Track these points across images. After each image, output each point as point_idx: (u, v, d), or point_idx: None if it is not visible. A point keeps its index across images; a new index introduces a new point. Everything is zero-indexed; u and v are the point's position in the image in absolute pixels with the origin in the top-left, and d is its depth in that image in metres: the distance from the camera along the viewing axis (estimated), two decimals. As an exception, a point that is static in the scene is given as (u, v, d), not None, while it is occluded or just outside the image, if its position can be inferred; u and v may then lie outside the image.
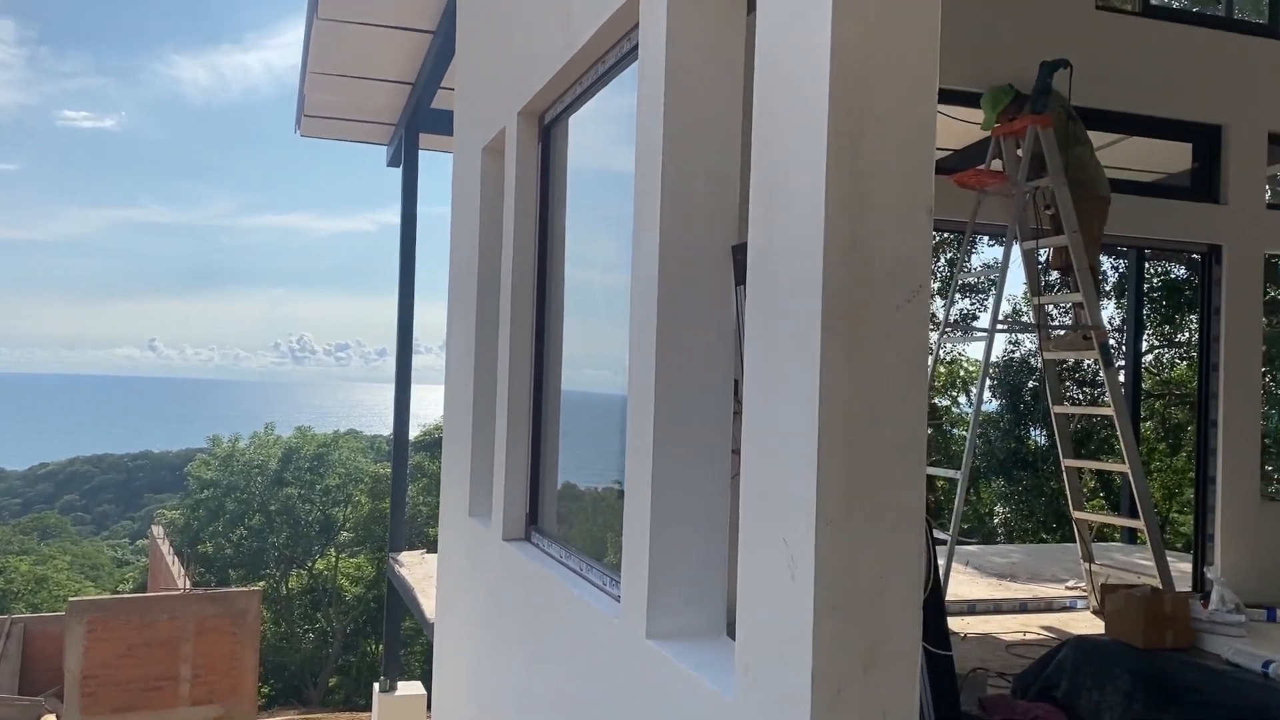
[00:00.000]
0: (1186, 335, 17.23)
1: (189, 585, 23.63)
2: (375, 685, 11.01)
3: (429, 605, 8.37)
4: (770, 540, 2.28)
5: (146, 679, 19.24)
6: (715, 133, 3.17)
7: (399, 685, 10.87)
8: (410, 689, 10.93)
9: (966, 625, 6.39)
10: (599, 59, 4.12)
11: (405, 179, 10.81)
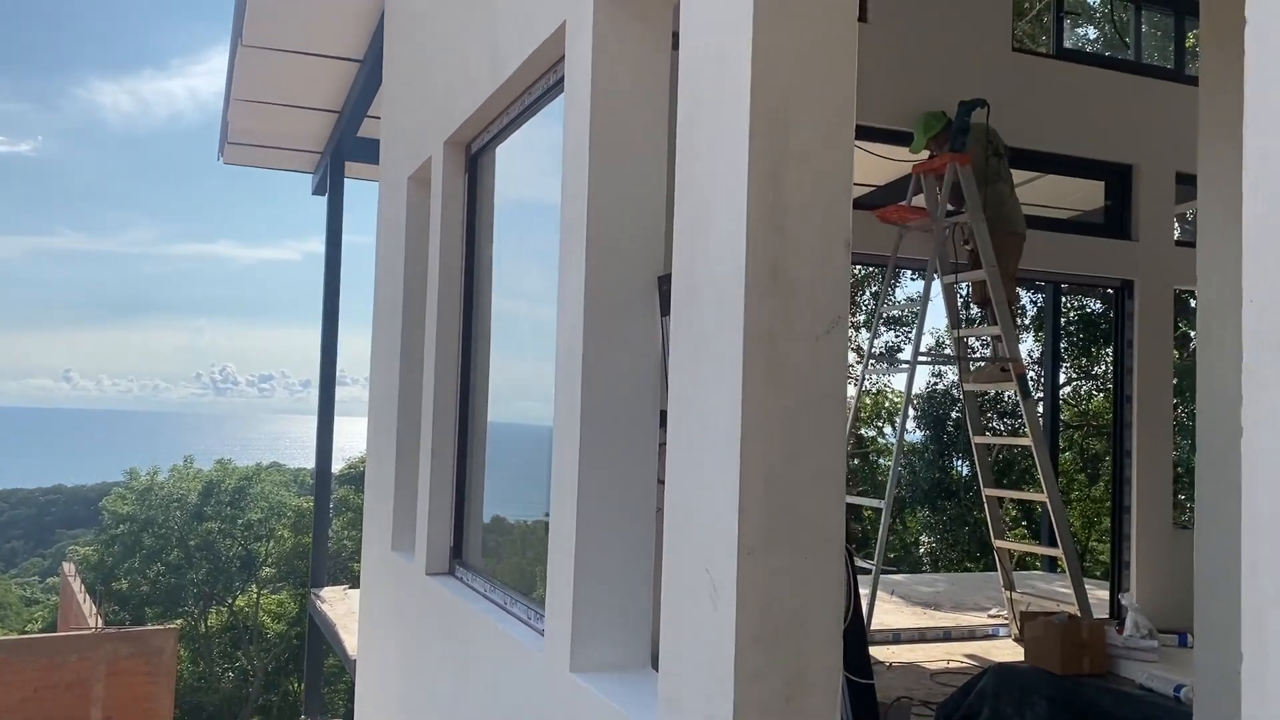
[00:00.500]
0: (1103, 368, 17.73)
1: (101, 624, 22.81)
2: (296, 725, 10.72)
3: (351, 642, 8.19)
4: (693, 570, 2.27)
5: (55, 723, 18.46)
6: (641, 164, 3.19)
7: (321, 725, 10.60)
8: (332, 728, 10.66)
9: (892, 654, 6.44)
10: (526, 90, 4.13)
11: (330, 208, 10.69)
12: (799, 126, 2.21)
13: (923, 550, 20.00)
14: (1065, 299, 15.70)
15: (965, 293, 7.14)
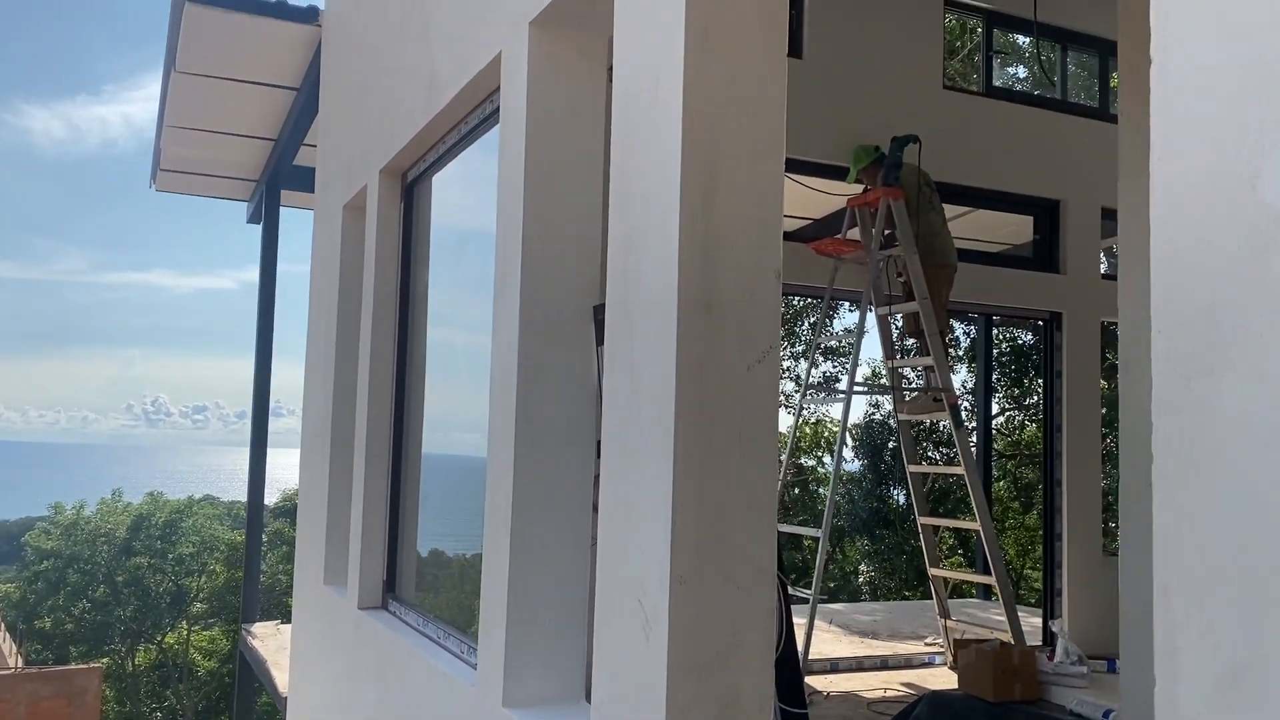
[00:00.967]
0: (1034, 398, 18.07)
1: (21, 663, 22.03)
2: (225, 766, 10.43)
3: (283, 679, 8.00)
4: (625, 601, 2.26)
5: (-30, 768, 17.76)
6: (576, 195, 3.20)
7: (251, 765, 10.32)
8: (263, 769, 10.38)
9: (830, 683, 6.45)
10: (462, 119, 4.13)
11: (265, 236, 10.54)
12: (730, 158, 2.23)
13: (862, 579, 20.13)
14: (997, 331, 16.01)
15: (899, 324, 7.25)
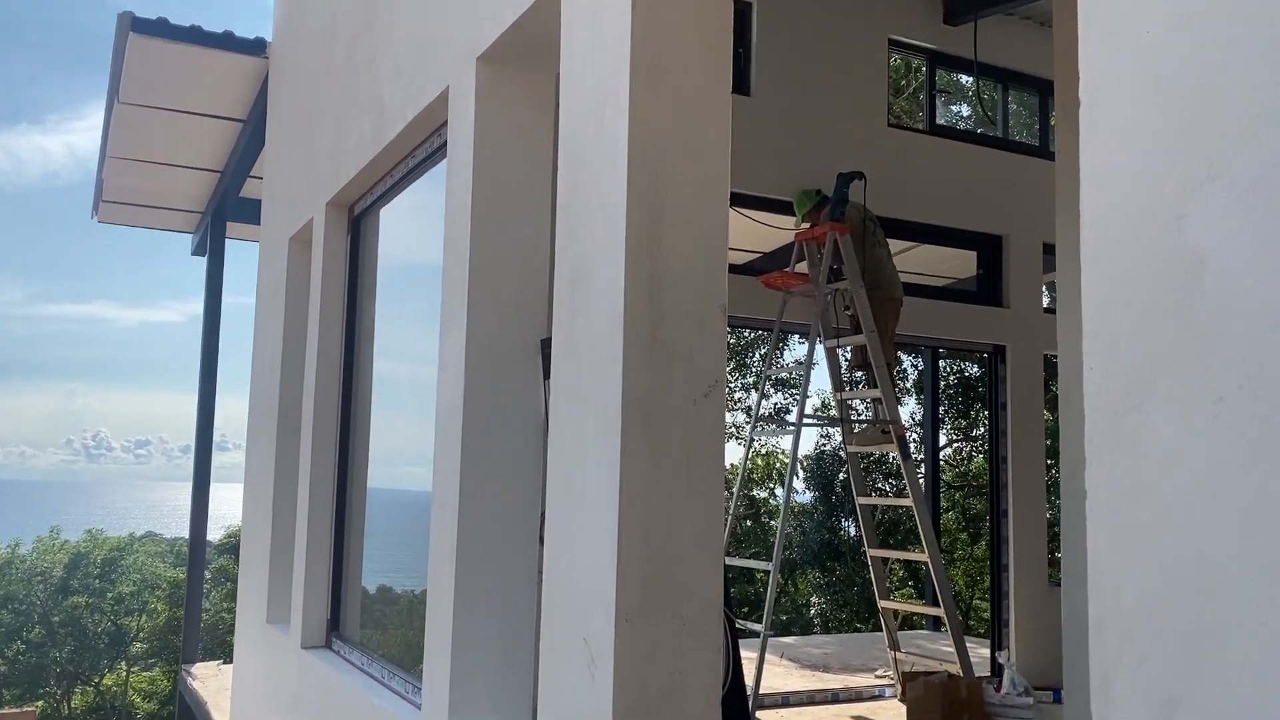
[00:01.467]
0: (981, 429, 18.30)
1: (-49, 709, 21.30)
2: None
3: (224, 721, 7.80)
4: (570, 639, 2.23)
5: (-106, 819, 17.07)
6: (523, 228, 3.20)
7: (190, 811, 10.01)
8: (203, 814, 10.08)
9: (781, 718, 6.43)
10: (410, 153, 4.12)
11: (210, 268, 10.39)
12: (675, 192, 2.24)
13: (813, 611, 20.14)
14: (944, 363, 16.22)
15: (848, 356, 7.32)
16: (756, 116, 6.59)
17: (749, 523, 19.40)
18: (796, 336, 10.67)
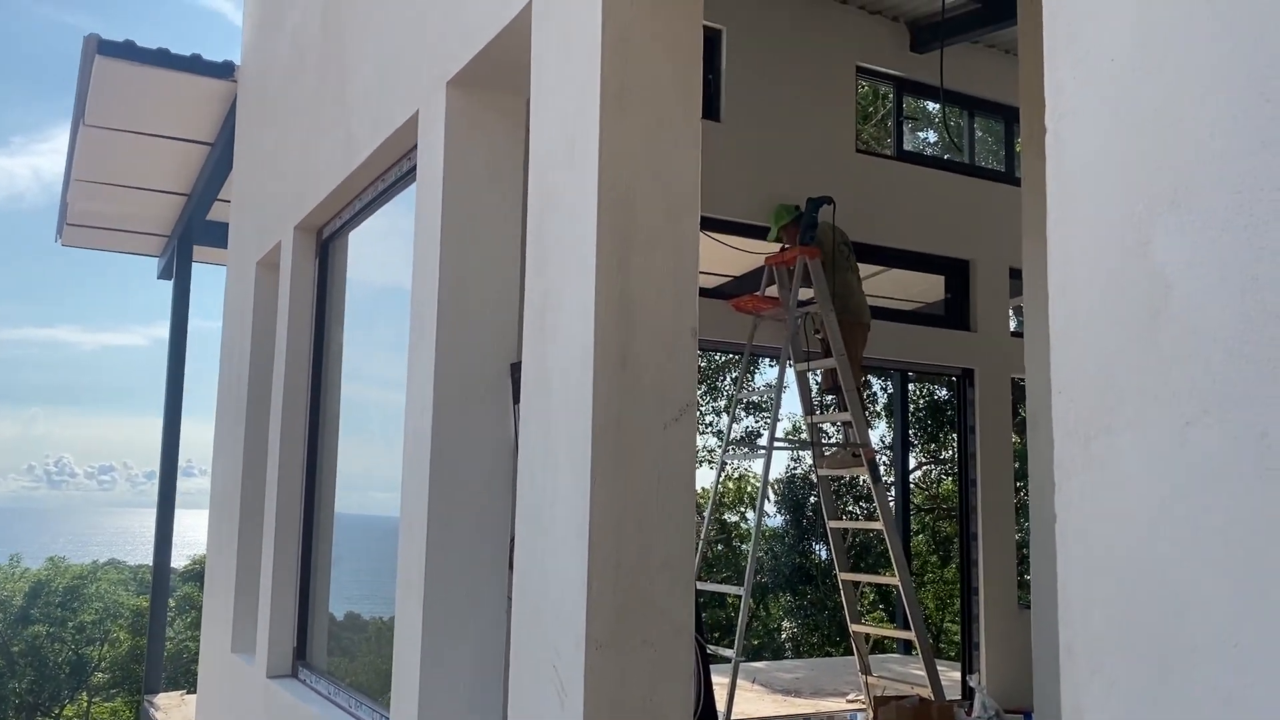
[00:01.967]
0: (951, 452, 18.39)
1: (-95, 743, 20.77)
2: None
3: (187, 752, 7.66)
4: (540, 666, 2.21)
5: None
6: (493, 252, 3.19)
7: (151, 845, 9.80)
8: None
9: (752, 744, 6.39)
10: (379, 176, 4.10)
11: (176, 292, 10.28)
12: (645, 217, 2.24)
13: (785, 635, 20.09)
14: (913, 386, 16.31)
15: (819, 379, 7.34)
16: (726, 142, 6.63)
17: (720, 547, 19.35)
18: (767, 360, 10.70)
